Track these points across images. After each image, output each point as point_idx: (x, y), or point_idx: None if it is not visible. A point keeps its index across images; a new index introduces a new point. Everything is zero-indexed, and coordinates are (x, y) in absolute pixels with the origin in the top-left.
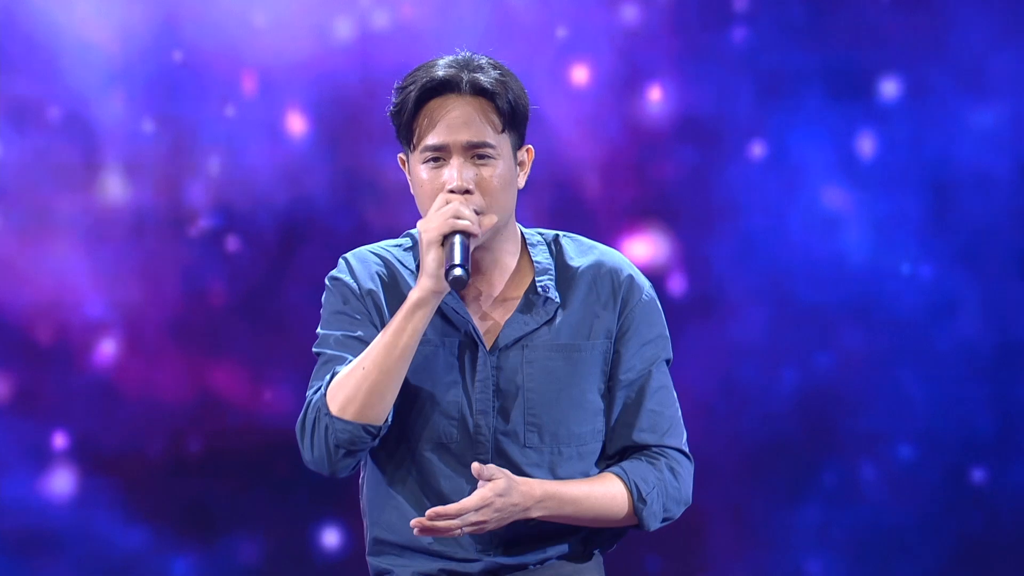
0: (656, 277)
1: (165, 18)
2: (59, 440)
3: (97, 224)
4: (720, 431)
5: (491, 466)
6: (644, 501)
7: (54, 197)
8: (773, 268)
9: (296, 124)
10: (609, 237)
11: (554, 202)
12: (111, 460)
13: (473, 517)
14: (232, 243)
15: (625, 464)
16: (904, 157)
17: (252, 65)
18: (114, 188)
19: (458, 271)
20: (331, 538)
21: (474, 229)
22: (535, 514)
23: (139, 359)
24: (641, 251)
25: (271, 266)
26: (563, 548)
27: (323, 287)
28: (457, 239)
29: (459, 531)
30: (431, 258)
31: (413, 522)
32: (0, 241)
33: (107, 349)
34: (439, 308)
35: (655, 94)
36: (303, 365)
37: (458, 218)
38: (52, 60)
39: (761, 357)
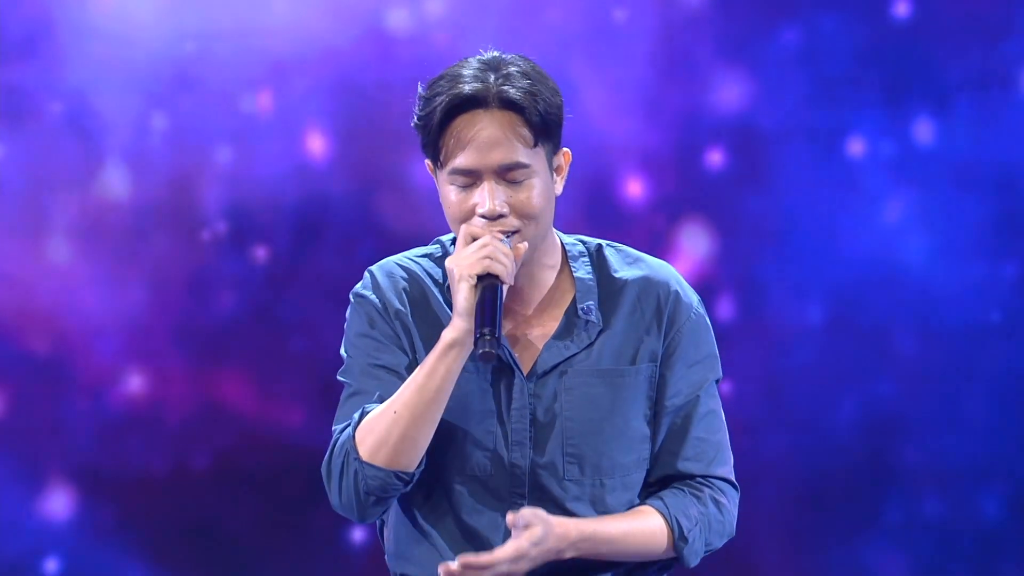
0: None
1: (175, 6)
2: (56, 457)
3: (98, 226)
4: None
5: (525, 512)
6: (685, 539)
7: (53, 196)
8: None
9: (311, 123)
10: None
11: (589, 208)
12: (111, 478)
13: (505, 568)
14: (242, 247)
15: (667, 497)
16: (970, 160)
17: (267, 60)
18: (117, 187)
19: (487, 345)
20: (350, 559)
21: (507, 277)
22: (569, 555)
23: (141, 370)
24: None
25: (282, 271)
26: None
27: (336, 294)
28: (486, 294)
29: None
30: (463, 298)
31: (441, 568)
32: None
33: (107, 359)
34: None
35: (706, 91)
36: (316, 376)
37: (494, 260)
38: (54, 52)
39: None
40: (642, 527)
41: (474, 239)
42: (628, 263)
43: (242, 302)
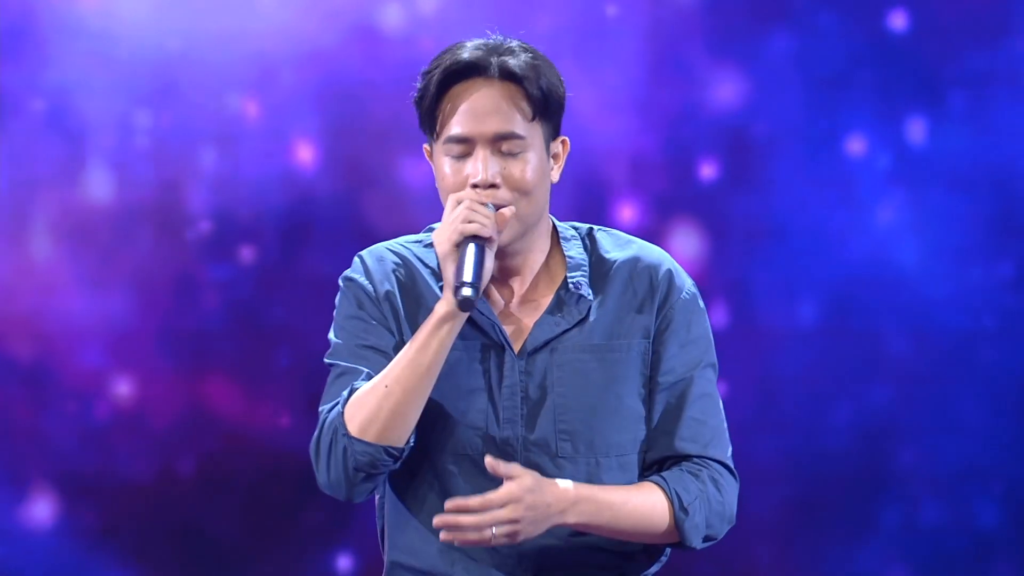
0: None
1: (159, 4)
2: (39, 462)
3: (81, 227)
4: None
5: (513, 464)
6: (686, 511)
7: (36, 197)
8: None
9: (297, 124)
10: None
11: (579, 209)
12: (95, 483)
13: (502, 514)
14: (227, 249)
15: (665, 474)
16: (964, 164)
17: (253, 60)
18: (101, 188)
19: (467, 291)
20: (341, 566)
21: (487, 232)
22: (571, 519)
23: (125, 373)
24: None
25: (268, 273)
26: (603, 574)
27: (324, 293)
28: (470, 249)
29: (490, 535)
30: (450, 272)
31: (436, 520)
32: None
33: (90, 363)
34: None
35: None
36: (302, 380)
37: (469, 222)
38: (37, 51)
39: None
40: (643, 497)
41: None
42: (620, 245)
43: (227, 305)
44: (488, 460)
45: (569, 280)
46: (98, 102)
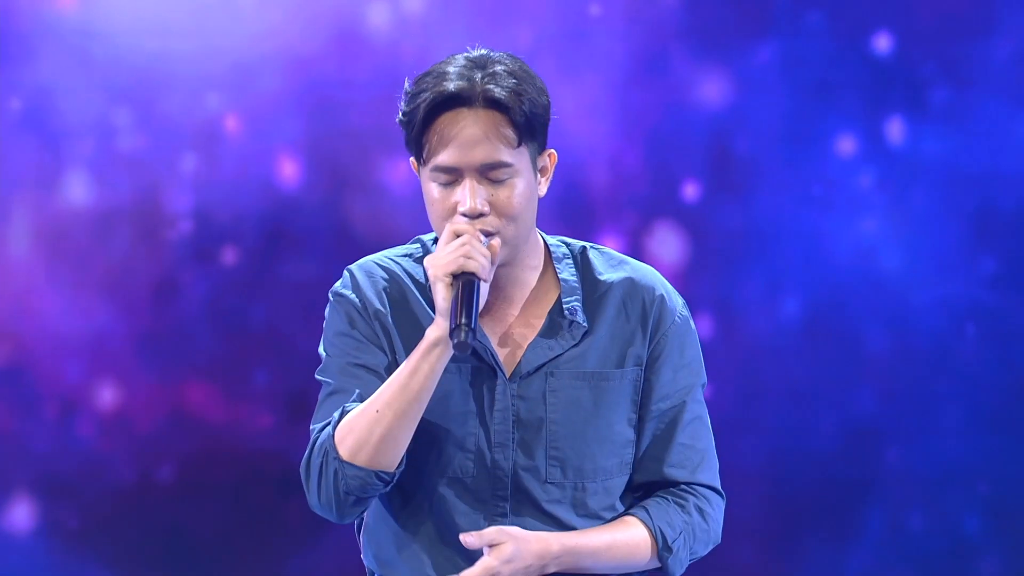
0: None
1: (138, 4)
2: (16, 468)
3: (59, 229)
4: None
5: (491, 531)
6: (670, 549)
7: (12, 198)
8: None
9: (278, 125)
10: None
11: (561, 211)
12: (73, 490)
13: None
14: (208, 251)
15: (651, 507)
16: (946, 172)
17: (233, 60)
18: (79, 188)
19: (463, 334)
20: (321, 569)
21: (484, 273)
22: (552, 570)
23: (105, 376)
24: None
25: (249, 276)
26: None
27: (305, 297)
28: (465, 288)
29: None
30: (441, 297)
31: None
32: None
33: (69, 366)
34: None
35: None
36: (283, 383)
37: (469, 258)
38: (17, 48)
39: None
40: (626, 538)
41: (457, 236)
42: (612, 265)
43: (207, 308)
44: (463, 538)
45: (564, 305)
46: (77, 103)
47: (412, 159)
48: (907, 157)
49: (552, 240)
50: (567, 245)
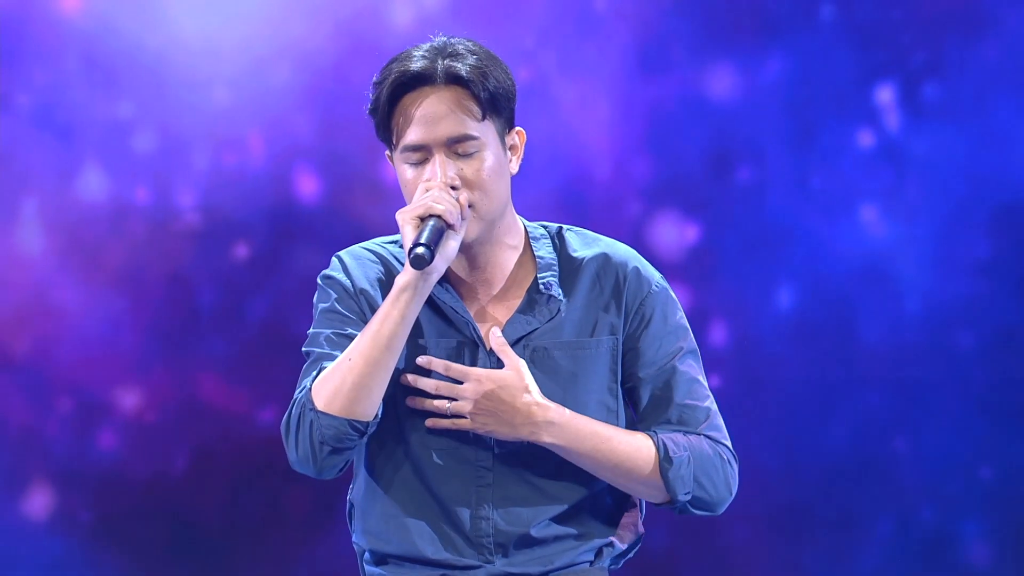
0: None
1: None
2: (32, 459)
3: (73, 223)
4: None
5: (514, 357)
6: (671, 460)
7: (23, 193)
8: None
9: (288, 118)
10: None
11: (564, 199)
12: (88, 479)
13: (459, 388)
14: (219, 244)
15: (657, 428)
16: (960, 181)
17: (245, 54)
18: (90, 184)
19: (420, 249)
20: (329, 552)
21: (451, 218)
22: (544, 438)
23: (119, 369)
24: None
25: (260, 268)
26: (570, 558)
27: (314, 288)
28: (430, 222)
29: (447, 405)
30: (409, 240)
31: (410, 377)
32: None
33: (84, 358)
34: (436, 306)
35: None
36: (293, 374)
37: (437, 203)
38: (27, 46)
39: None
40: (629, 438)
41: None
42: (587, 243)
43: (219, 301)
44: (494, 338)
45: (539, 281)
46: (84, 100)
47: (387, 152)
48: (911, 156)
49: (531, 224)
50: (544, 227)
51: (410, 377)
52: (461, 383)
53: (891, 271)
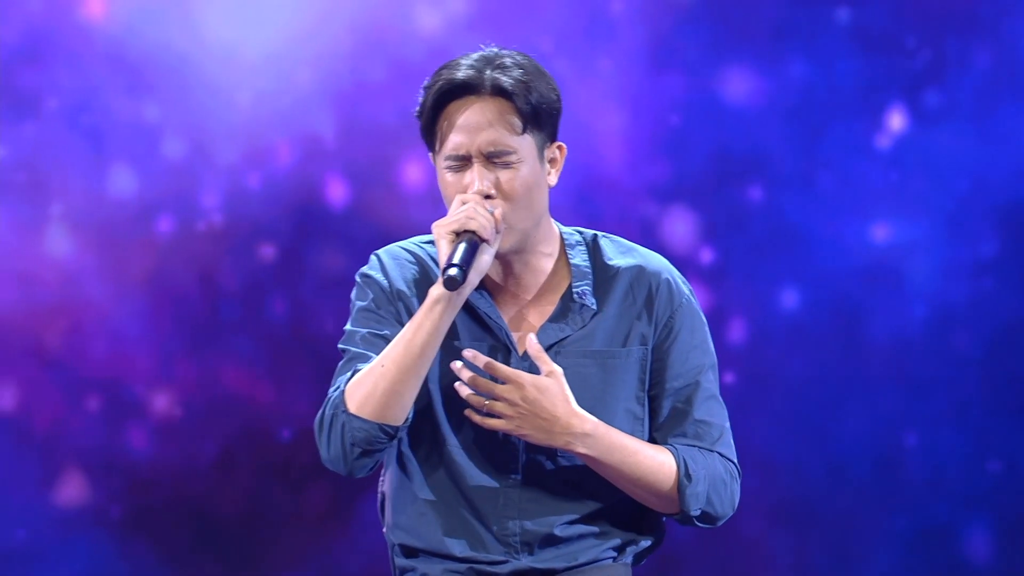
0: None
1: (170, 4)
2: (65, 448)
3: (102, 221)
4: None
5: (551, 365)
6: (690, 478)
7: (53, 192)
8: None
9: (312, 117)
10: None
11: (580, 199)
12: (120, 469)
13: (498, 389)
14: (244, 239)
15: (676, 443)
16: (966, 182)
17: (269, 57)
18: (118, 183)
19: (452, 271)
20: (349, 546)
21: (485, 233)
22: (578, 448)
23: (147, 365)
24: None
25: (285, 263)
26: (594, 554)
27: (337, 287)
28: (464, 239)
29: (484, 402)
30: (443, 255)
31: (454, 364)
32: (6, 238)
33: (114, 352)
34: (471, 310)
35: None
36: (319, 366)
37: (471, 218)
38: (52, 49)
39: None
40: (653, 453)
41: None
42: (622, 252)
43: (245, 298)
44: (531, 345)
45: (574, 289)
46: (114, 103)
47: (430, 153)
48: (917, 157)
49: (567, 230)
50: (580, 233)
51: (452, 370)
52: (500, 383)
53: (899, 270)
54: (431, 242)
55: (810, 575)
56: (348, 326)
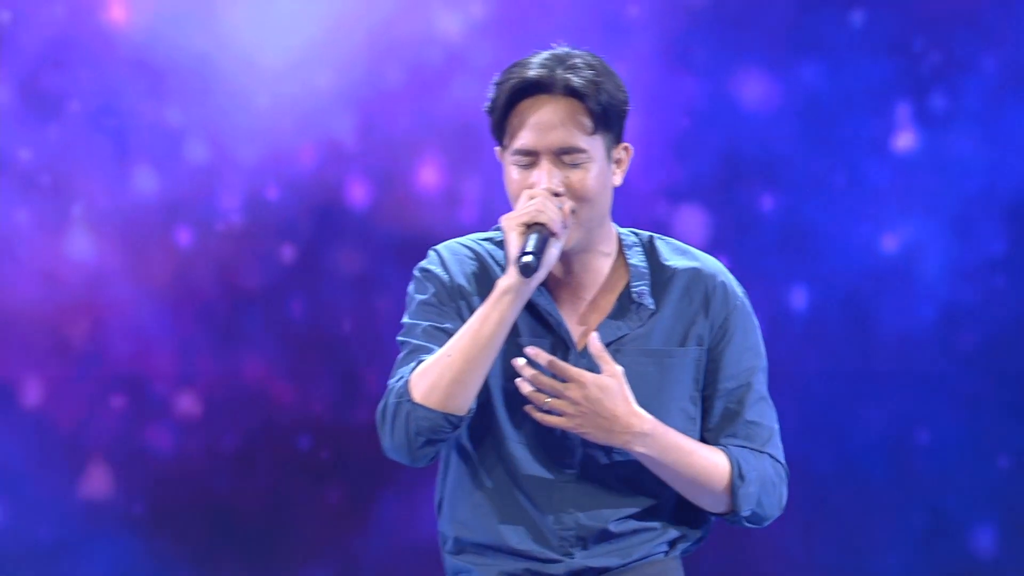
0: None
1: (195, 4)
2: (88, 445)
3: (126, 221)
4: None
5: (614, 364)
6: (743, 478)
7: (77, 193)
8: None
9: (332, 118)
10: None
11: None
12: (144, 461)
13: (561, 387)
14: (265, 237)
15: (728, 444)
16: (975, 182)
17: (290, 60)
18: (142, 187)
19: (528, 258)
20: (368, 542)
21: (555, 226)
22: (637, 447)
23: (169, 364)
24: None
25: (305, 262)
26: (647, 550)
27: (358, 286)
28: (535, 230)
29: (547, 400)
30: (513, 246)
31: (516, 361)
32: (30, 239)
33: (136, 354)
34: (532, 308)
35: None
36: (337, 365)
37: (540, 211)
38: (76, 53)
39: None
40: (708, 453)
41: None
42: (677, 253)
43: (265, 297)
44: (593, 343)
45: (632, 289)
46: (135, 105)
47: (496, 148)
48: (926, 157)
49: (623, 230)
50: (636, 234)
51: (513, 365)
52: (561, 381)
53: (909, 270)
54: (489, 239)
55: (820, 570)
56: (407, 319)
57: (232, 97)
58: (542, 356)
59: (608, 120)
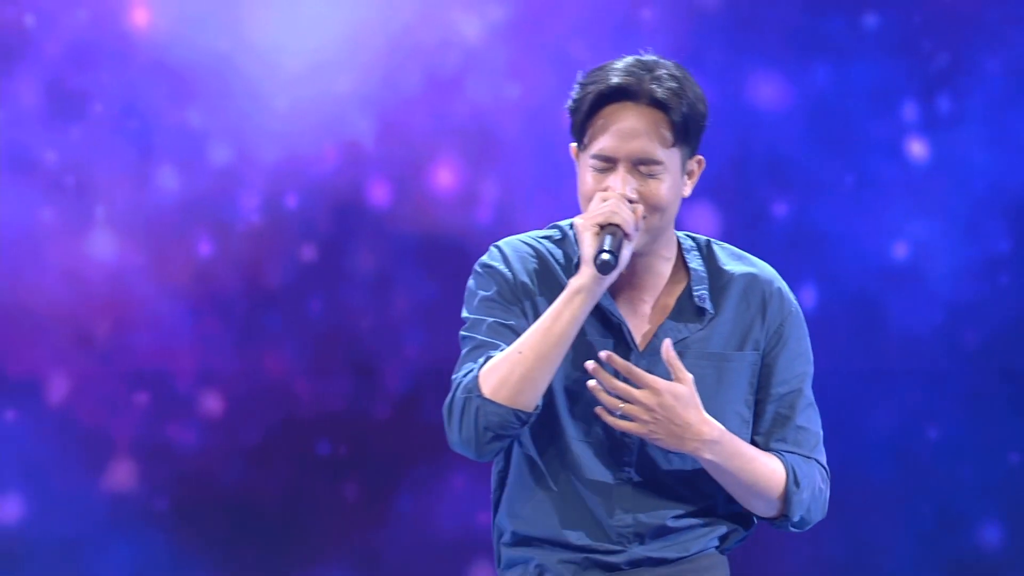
0: None
1: (217, 7)
2: (111, 440)
3: (149, 220)
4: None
5: (685, 371)
6: (798, 484)
7: (99, 194)
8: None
9: (352, 118)
10: None
11: None
12: (167, 457)
13: (636, 393)
14: (285, 236)
15: (782, 450)
16: (983, 182)
17: (310, 62)
18: (164, 187)
19: (606, 255)
20: (385, 538)
21: (628, 227)
22: (705, 454)
23: (190, 362)
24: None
25: (326, 261)
26: (702, 544)
27: (377, 285)
28: (610, 232)
29: (619, 405)
30: (587, 245)
31: (588, 364)
32: (55, 238)
33: (159, 352)
34: (595, 308)
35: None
36: (356, 363)
37: (615, 212)
38: (98, 55)
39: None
40: (767, 460)
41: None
42: (734, 258)
43: (287, 292)
44: (666, 349)
45: (693, 292)
46: (157, 107)
47: (573, 145)
48: (935, 157)
49: (680, 234)
50: (693, 238)
51: (579, 364)
52: (630, 384)
53: (917, 269)
54: (547, 237)
55: (828, 566)
56: (469, 314)
57: (253, 99)
58: (615, 360)
59: (688, 133)
